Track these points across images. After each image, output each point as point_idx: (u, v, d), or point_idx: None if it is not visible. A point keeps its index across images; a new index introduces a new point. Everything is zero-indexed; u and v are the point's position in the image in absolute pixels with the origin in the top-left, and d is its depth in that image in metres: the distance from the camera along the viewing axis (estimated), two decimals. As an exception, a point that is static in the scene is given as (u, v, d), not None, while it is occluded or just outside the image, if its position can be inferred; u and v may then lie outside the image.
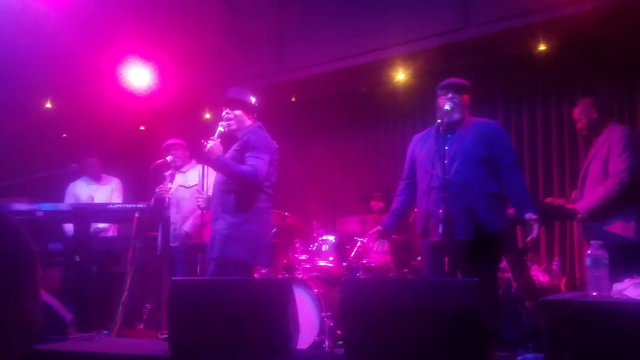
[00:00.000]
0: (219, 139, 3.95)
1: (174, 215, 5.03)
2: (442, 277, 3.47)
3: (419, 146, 3.89)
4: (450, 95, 3.78)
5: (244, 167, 3.83)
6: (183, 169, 5.24)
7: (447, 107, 3.70)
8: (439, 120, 3.63)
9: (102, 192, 5.97)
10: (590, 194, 4.13)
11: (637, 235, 3.91)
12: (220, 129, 4.00)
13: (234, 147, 4.00)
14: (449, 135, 3.71)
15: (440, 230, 3.46)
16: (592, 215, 4.08)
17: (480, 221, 3.52)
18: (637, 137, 4.36)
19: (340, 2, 6.37)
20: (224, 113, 4.07)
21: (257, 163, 3.83)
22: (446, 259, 3.36)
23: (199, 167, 4.74)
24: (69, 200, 5.90)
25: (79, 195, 5.96)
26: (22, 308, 1.05)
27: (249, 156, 3.87)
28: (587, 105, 4.38)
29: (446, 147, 3.63)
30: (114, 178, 6.12)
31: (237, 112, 4.05)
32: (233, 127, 4.03)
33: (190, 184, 5.07)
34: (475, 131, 3.72)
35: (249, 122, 4.09)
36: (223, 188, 3.95)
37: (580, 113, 4.40)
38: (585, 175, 4.26)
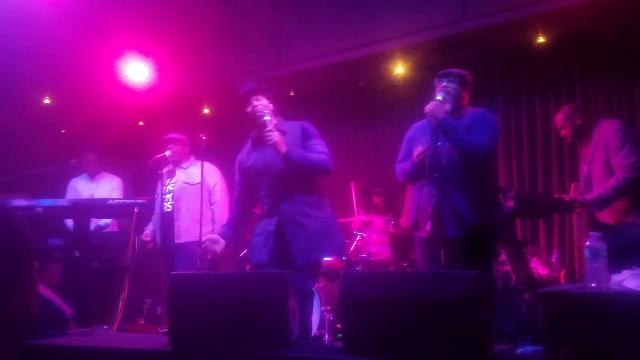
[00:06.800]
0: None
1: (177, 211, 4.99)
2: (438, 270, 3.43)
3: (417, 136, 3.74)
4: (444, 84, 3.61)
5: (322, 156, 3.60)
6: (183, 165, 5.17)
7: (438, 97, 3.52)
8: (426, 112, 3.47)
9: (102, 190, 5.96)
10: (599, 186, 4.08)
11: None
12: (267, 118, 3.59)
13: (289, 139, 3.61)
14: (441, 130, 3.50)
15: (428, 227, 3.43)
16: (602, 206, 4.05)
17: (467, 217, 3.42)
18: (630, 128, 4.34)
19: (338, -4, 6.37)
20: (264, 103, 3.70)
21: (327, 150, 3.64)
22: (442, 252, 3.34)
23: (199, 163, 4.69)
24: (70, 196, 5.90)
25: (79, 191, 5.97)
26: (24, 303, 1.05)
27: (315, 144, 3.64)
28: (570, 111, 4.29)
29: (439, 144, 3.49)
30: (115, 177, 6.11)
31: (264, 101, 3.73)
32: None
33: (194, 181, 4.94)
34: (463, 124, 3.51)
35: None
36: (295, 179, 3.59)
37: (564, 120, 4.30)
38: (589, 178, 4.18)
